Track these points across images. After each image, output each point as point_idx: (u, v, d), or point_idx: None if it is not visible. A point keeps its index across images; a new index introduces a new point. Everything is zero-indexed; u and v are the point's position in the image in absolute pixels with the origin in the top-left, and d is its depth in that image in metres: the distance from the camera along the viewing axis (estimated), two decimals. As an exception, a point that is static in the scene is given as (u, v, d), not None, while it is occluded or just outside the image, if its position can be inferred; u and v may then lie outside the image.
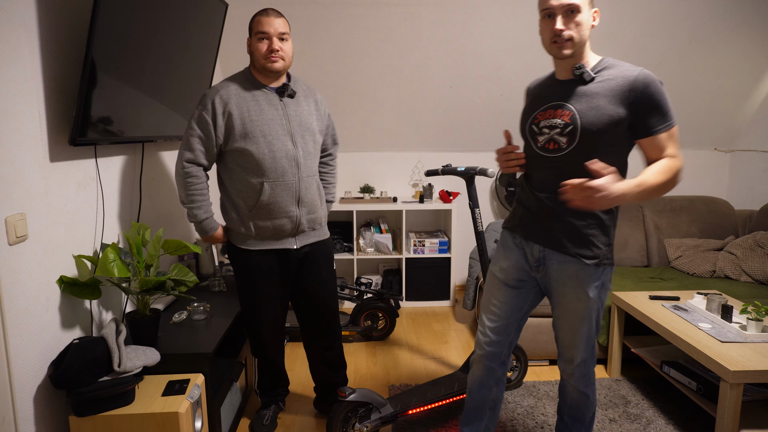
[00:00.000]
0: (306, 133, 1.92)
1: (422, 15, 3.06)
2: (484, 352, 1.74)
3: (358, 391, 1.97)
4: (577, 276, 1.51)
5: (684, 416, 2.26)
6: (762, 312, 2.05)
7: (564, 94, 1.49)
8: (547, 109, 1.51)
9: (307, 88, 2.01)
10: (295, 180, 1.90)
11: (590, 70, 1.46)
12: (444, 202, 3.73)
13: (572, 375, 1.66)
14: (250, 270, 1.96)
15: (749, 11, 3.11)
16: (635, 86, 1.38)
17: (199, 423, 1.67)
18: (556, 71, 1.55)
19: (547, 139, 1.50)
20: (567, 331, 1.62)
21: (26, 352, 1.43)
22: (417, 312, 3.67)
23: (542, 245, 1.55)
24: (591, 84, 1.45)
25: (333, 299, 2.15)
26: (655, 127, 1.41)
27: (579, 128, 1.43)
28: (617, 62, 1.47)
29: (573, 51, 1.43)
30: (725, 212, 3.46)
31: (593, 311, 1.56)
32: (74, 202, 1.66)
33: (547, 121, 1.50)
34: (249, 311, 2.03)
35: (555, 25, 1.40)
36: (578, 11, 1.39)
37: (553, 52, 1.46)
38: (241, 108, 1.82)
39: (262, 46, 1.80)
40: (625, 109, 1.40)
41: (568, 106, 1.47)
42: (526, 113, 1.59)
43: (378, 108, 3.58)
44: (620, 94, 1.40)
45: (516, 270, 1.64)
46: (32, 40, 1.45)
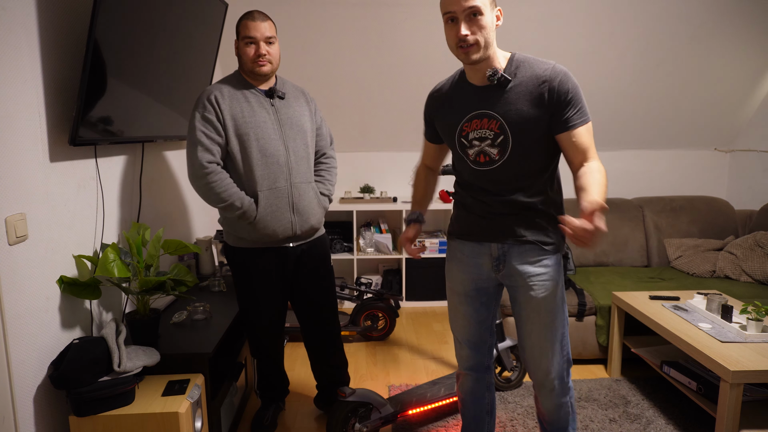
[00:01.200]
0: (298, 135, 1.92)
1: (422, 15, 3.06)
2: (467, 366, 1.71)
3: (358, 391, 1.97)
4: (540, 261, 1.49)
5: (684, 416, 2.26)
6: (762, 312, 2.05)
7: (485, 101, 1.44)
8: (473, 119, 1.46)
9: (296, 88, 2.02)
10: (287, 186, 1.89)
11: (504, 73, 1.41)
12: (444, 202, 3.73)
13: (552, 389, 1.57)
14: (248, 269, 1.95)
15: (749, 11, 3.11)
16: (550, 84, 1.37)
17: (199, 423, 1.67)
18: (469, 76, 1.48)
19: (477, 152, 1.47)
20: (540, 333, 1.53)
21: (26, 352, 1.43)
22: (417, 312, 3.67)
23: (501, 242, 1.51)
24: (510, 89, 1.41)
25: (332, 296, 2.15)
26: (572, 121, 1.39)
27: (509, 137, 1.41)
28: (528, 58, 1.44)
29: (480, 55, 1.38)
30: (725, 212, 3.46)
31: (560, 301, 1.52)
32: (74, 202, 1.66)
33: (475, 133, 1.46)
34: (247, 312, 2.03)
35: (459, 31, 1.35)
36: (480, 14, 1.34)
37: (460, 58, 1.41)
38: (234, 109, 1.83)
39: (250, 50, 1.83)
40: (542, 108, 1.38)
41: (493, 115, 1.42)
42: (450, 124, 1.51)
43: (378, 108, 3.58)
44: (536, 92, 1.38)
45: (473, 280, 1.59)
46: (32, 41, 1.45)
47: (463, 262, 1.61)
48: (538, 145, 1.43)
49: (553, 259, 1.51)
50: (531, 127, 1.40)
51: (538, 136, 1.42)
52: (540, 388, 1.61)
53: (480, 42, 1.36)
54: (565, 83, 1.37)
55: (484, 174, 1.48)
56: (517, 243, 1.50)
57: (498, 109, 1.42)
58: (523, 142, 1.41)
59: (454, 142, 1.53)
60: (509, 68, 1.43)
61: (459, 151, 1.52)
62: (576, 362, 2.79)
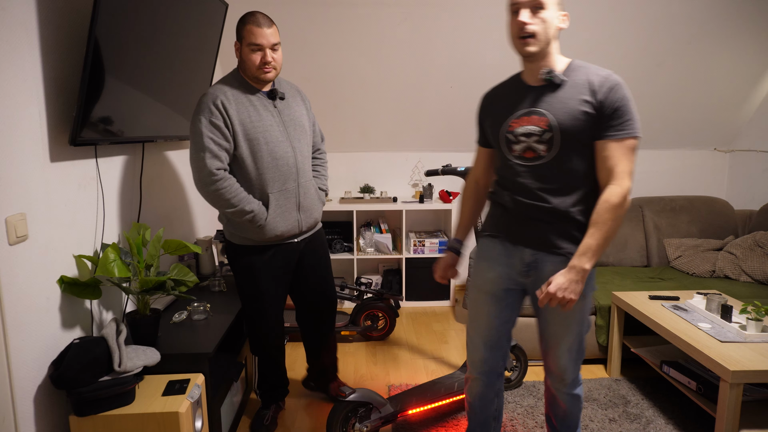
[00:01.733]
0: (301, 134, 1.96)
1: (422, 15, 3.06)
2: (480, 370, 1.68)
3: (358, 391, 1.97)
4: None
5: (684, 416, 2.26)
6: (762, 312, 2.05)
7: (536, 99, 1.47)
8: (521, 116, 1.48)
9: (291, 86, 2.03)
10: (295, 186, 1.94)
11: (559, 74, 1.44)
12: (444, 202, 3.73)
13: (567, 383, 1.63)
14: (253, 267, 1.97)
15: (749, 12, 3.11)
16: (601, 88, 1.39)
17: (199, 423, 1.67)
18: (525, 76, 1.52)
19: (524, 148, 1.47)
20: (561, 335, 1.56)
21: (26, 352, 1.43)
22: (417, 312, 3.67)
23: (534, 249, 1.51)
24: (562, 88, 1.44)
25: (332, 283, 2.23)
26: (606, 131, 1.40)
27: (557, 134, 1.42)
28: (586, 64, 1.46)
29: (538, 48, 1.41)
30: (725, 212, 3.46)
31: (587, 310, 1.55)
32: (74, 202, 1.66)
33: (522, 128, 1.47)
34: (250, 306, 2.04)
35: (519, 18, 1.39)
36: (543, 8, 1.38)
37: (518, 48, 1.44)
38: (241, 113, 1.82)
39: (256, 57, 1.81)
40: (591, 110, 1.40)
41: (542, 112, 1.44)
42: (497, 120, 1.54)
43: (378, 108, 3.58)
44: (587, 95, 1.40)
45: (503, 279, 1.59)
46: (32, 40, 1.45)
47: (495, 260, 1.60)
48: (583, 149, 1.44)
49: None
50: (578, 127, 1.40)
51: (583, 140, 1.42)
52: (558, 383, 1.65)
53: (539, 34, 1.39)
54: (618, 91, 1.38)
55: (529, 171, 1.48)
56: (552, 253, 1.49)
57: (548, 107, 1.44)
58: (569, 142, 1.42)
59: (498, 137, 1.53)
60: (566, 71, 1.46)
61: (504, 147, 1.53)
62: (576, 362, 2.79)
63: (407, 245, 3.73)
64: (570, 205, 1.46)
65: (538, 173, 1.47)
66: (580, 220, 1.46)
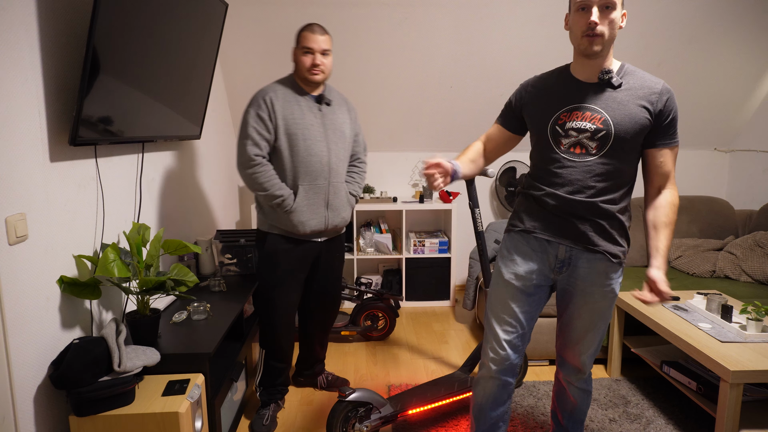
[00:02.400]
0: (339, 139, 2.12)
1: (422, 15, 3.06)
2: (500, 367, 1.61)
3: (358, 391, 1.97)
4: (606, 273, 1.52)
5: (684, 416, 2.26)
6: (762, 312, 2.05)
7: (589, 96, 1.47)
8: (573, 110, 1.47)
9: (341, 97, 2.22)
10: (326, 184, 2.09)
11: (616, 76, 1.45)
12: (444, 202, 3.73)
13: (583, 377, 1.70)
14: (276, 251, 2.11)
15: (749, 12, 3.12)
16: (660, 97, 1.43)
17: (199, 423, 1.67)
18: (577, 71, 1.50)
19: (573, 143, 1.47)
20: (585, 330, 1.62)
21: (26, 352, 1.43)
22: (417, 312, 3.67)
23: (571, 244, 1.51)
24: (619, 90, 1.45)
25: (339, 285, 2.39)
26: (663, 140, 1.46)
27: (612, 134, 1.43)
28: (637, 70, 1.49)
29: (602, 47, 1.41)
30: (725, 212, 3.46)
31: (612, 308, 1.61)
32: (74, 202, 1.66)
33: (574, 123, 1.46)
34: (267, 293, 2.16)
35: (590, 17, 1.37)
36: (613, 8, 1.39)
37: (582, 46, 1.42)
38: (286, 110, 2.01)
39: (307, 60, 2.00)
40: (649, 117, 1.43)
41: (598, 110, 1.44)
42: (546, 112, 1.51)
43: (378, 108, 3.58)
44: (646, 102, 1.43)
45: (535, 275, 1.56)
46: (32, 40, 1.45)
47: (528, 255, 1.57)
48: (629, 151, 1.47)
49: (618, 272, 1.55)
50: (634, 130, 1.43)
51: (635, 143, 1.46)
52: (575, 375, 1.71)
53: (606, 35, 1.40)
54: (673, 101, 1.44)
55: (576, 166, 1.47)
56: (588, 250, 1.51)
57: (604, 106, 1.45)
58: (622, 143, 1.44)
59: (546, 129, 1.52)
60: (619, 73, 1.47)
61: (550, 140, 1.51)
62: (576, 362, 2.79)
63: (407, 245, 3.73)
64: (613, 203, 1.49)
65: (585, 169, 1.47)
66: (618, 220, 1.51)
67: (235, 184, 3.73)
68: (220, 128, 3.32)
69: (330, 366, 2.78)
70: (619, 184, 1.49)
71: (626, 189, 1.52)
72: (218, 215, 3.23)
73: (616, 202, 1.49)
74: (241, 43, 3.14)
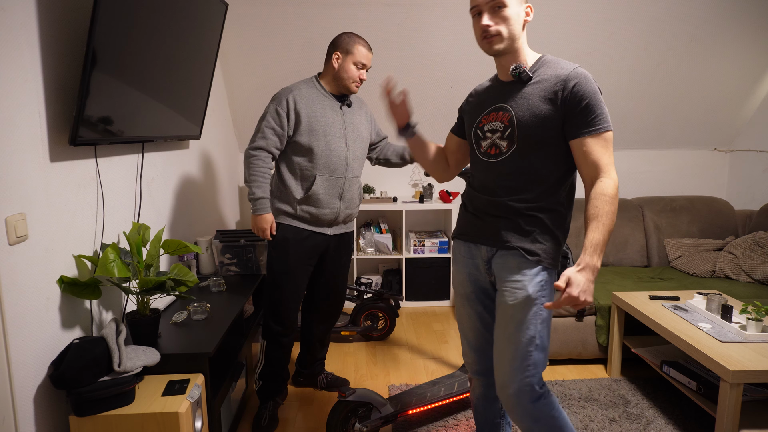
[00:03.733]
0: (358, 138, 2.23)
1: (422, 15, 3.06)
2: (474, 370, 1.69)
3: (358, 391, 1.97)
4: (518, 267, 1.44)
5: (684, 416, 2.26)
6: (762, 312, 2.05)
7: (504, 95, 1.47)
8: (490, 112, 1.50)
9: (359, 100, 2.33)
10: (342, 178, 2.19)
11: (528, 70, 1.42)
12: (444, 202, 3.73)
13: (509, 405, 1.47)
14: (287, 240, 2.17)
15: (749, 11, 3.11)
16: (565, 84, 1.36)
17: (199, 423, 1.67)
18: (498, 72, 1.53)
19: (489, 144, 1.49)
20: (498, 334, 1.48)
21: (26, 352, 1.43)
22: (417, 312, 3.67)
23: (490, 245, 1.50)
24: (529, 84, 1.43)
25: (345, 284, 2.45)
26: (583, 128, 1.36)
27: (516, 130, 1.42)
28: (555, 60, 1.44)
29: (504, 46, 1.41)
30: (725, 212, 3.46)
31: (532, 317, 1.42)
32: (74, 202, 1.66)
33: (490, 125, 1.49)
34: (276, 281, 2.20)
35: (482, 21, 1.40)
36: (504, 6, 1.38)
37: (484, 48, 1.44)
38: (309, 108, 2.11)
39: (356, 73, 2.14)
40: (554, 108, 1.37)
41: (507, 108, 1.45)
42: (472, 117, 1.56)
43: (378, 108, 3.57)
44: (551, 92, 1.38)
45: (470, 282, 1.59)
46: (32, 40, 1.45)
47: (460, 263, 1.62)
48: (545, 145, 1.41)
49: (533, 270, 1.43)
50: (539, 124, 1.39)
51: (545, 136, 1.40)
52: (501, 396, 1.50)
53: (503, 33, 1.39)
54: (581, 86, 1.35)
55: (492, 167, 1.48)
56: (503, 248, 1.48)
57: (512, 102, 1.44)
58: (529, 138, 1.41)
59: (471, 135, 1.56)
60: (534, 66, 1.45)
61: (473, 144, 1.54)
62: (576, 362, 2.79)
63: (407, 245, 3.73)
64: (526, 201, 1.44)
65: (496, 170, 1.47)
66: (539, 216, 1.44)
67: (235, 184, 3.73)
68: (220, 128, 3.32)
69: (330, 366, 2.78)
70: (534, 180, 1.43)
71: (546, 186, 1.43)
72: (218, 215, 3.23)
73: (531, 200, 1.43)
74: (241, 43, 3.14)
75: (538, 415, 1.45)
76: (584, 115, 1.36)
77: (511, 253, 1.46)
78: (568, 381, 2.56)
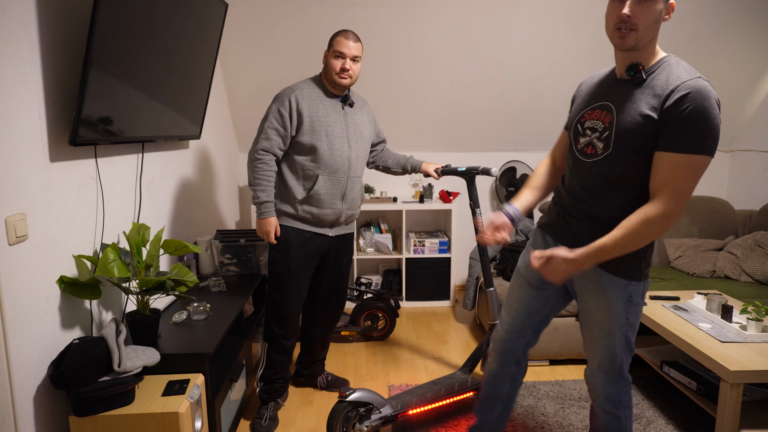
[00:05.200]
0: (360, 138, 2.22)
1: (422, 15, 3.06)
2: (498, 347, 1.72)
3: (358, 391, 1.97)
4: (599, 282, 1.42)
5: (684, 416, 2.26)
6: (762, 312, 2.05)
7: (613, 93, 1.37)
8: (595, 108, 1.41)
9: (362, 100, 2.31)
10: (345, 178, 2.18)
11: (644, 71, 1.31)
12: (444, 202, 3.73)
13: (597, 394, 1.55)
14: (289, 241, 2.17)
15: (749, 12, 3.11)
16: (675, 91, 1.24)
17: (199, 423, 1.67)
18: (617, 66, 1.41)
19: (586, 142, 1.41)
20: (589, 342, 1.54)
21: (26, 352, 1.43)
22: (417, 312, 3.67)
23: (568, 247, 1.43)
24: (639, 87, 1.32)
25: (346, 286, 2.45)
26: (671, 141, 1.23)
27: (613, 134, 1.33)
28: (678, 63, 1.32)
29: (635, 43, 1.28)
30: (725, 212, 3.46)
31: (616, 325, 1.44)
32: (74, 202, 1.66)
33: (590, 122, 1.40)
34: (279, 282, 2.20)
35: (622, 10, 1.25)
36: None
37: (614, 41, 1.32)
38: (311, 107, 2.10)
39: (337, 63, 2.08)
40: (656, 113, 1.26)
41: (611, 108, 1.35)
42: (577, 109, 1.49)
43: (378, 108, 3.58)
44: (658, 96, 1.27)
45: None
46: (32, 40, 1.45)
47: (539, 247, 1.58)
48: (641, 153, 1.31)
49: (616, 285, 1.41)
50: (637, 130, 1.29)
51: (642, 144, 1.30)
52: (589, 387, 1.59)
53: (639, 28, 1.26)
54: (690, 98, 1.21)
55: (586, 168, 1.41)
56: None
57: (617, 103, 1.34)
58: (624, 144, 1.32)
59: (572, 127, 1.48)
60: (653, 68, 1.32)
61: (572, 138, 1.47)
62: (576, 362, 2.79)
63: (407, 245, 3.73)
64: (611, 209, 1.38)
65: (587, 171, 1.40)
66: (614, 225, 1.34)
67: (235, 184, 3.73)
68: (220, 128, 3.32)
69: (330, 366, 2.78)
70: (623, 188, 1.36)
71: (634, 195, 1.35)
72: (218, 215, 3.23)
73: (616, 209, 1.36)
74: (241, 43, 3.14)
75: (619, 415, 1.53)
76: (675, 130, 1.23)
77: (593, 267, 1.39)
78: (568, 381, 2.56)
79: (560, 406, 2.34)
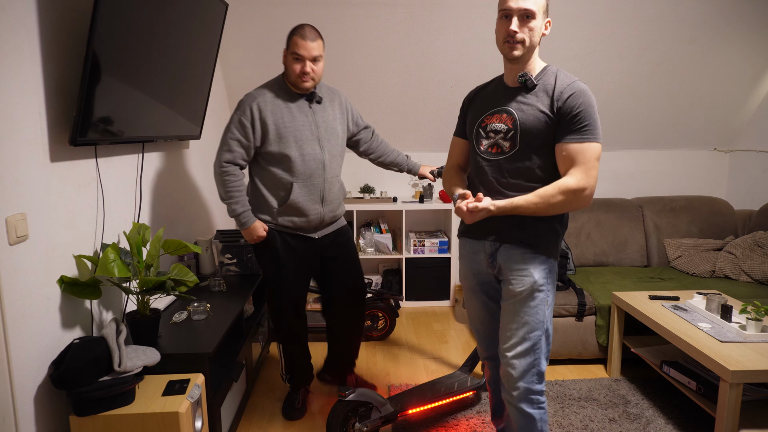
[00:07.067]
0: (332, 137, 2.12)
1: (422, 15, 3.06)
2: (483, 357, 1.85)
3: (358, 390, 1.97)
4: (523, 258, 1.55)
5: (684, 416, 2.26)
6: (761, 312, 2.05)
7: (509, 99, 1.57)
8: (494, 113, 1.58)
9: (331, 91, 2.18)
10: (321, 181, 2.09)
11: (533, 78, 1.52)
12: (444, 202, 3.73)
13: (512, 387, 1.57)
14: (275, 242, 2.12)
15: (748, 12, 3.11)
16: (562, 94, 1.47)
17: (199, 423, 1.67)
18: (505, 77, 1.61)
19: (491, 143, 1.58)
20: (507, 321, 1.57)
21: (26, 352, 1.43)
22: (417, 312, 3.67)
23: (493, 241, 1.60)
24: (532, 91, 1.53)
25: (360, 279, 2.33)
26: (568, 134, 1.46)
27: (519, 133, 1.52)
28: (557, 70, 1.54)
29: (522, 53, 1.50)
30: (725, 212, 3.47)
31: (538, 300, 1.53)
32: (74, 202, 1.66)
33: (492, 125, 1.58)
34: (271, 284, 2.17)
35: (510, 26, 1.47)
36: (533, 17, 1.47)
37: (504, 52, 1.54)
38: (276, 115, 2.00)
39: (297, 66, 1.97)
40: (552, 113, 1.48)
41: (510, 111, 1.54)
42: (474, 116, 1.65)
43: (378, 108, 3.58)
44: (551, 98, 1.49)
45: (474, 275, 1.70)
46: (32, 41, 1.45)
47: (465, 258, 1.73)
48: (545, 148, 1.51)
49: (538, 260, 1.55)
50: (539, 127, 1.49)
51: (545, 140, 1.50)
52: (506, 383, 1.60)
53: (525, 42, 1.49)
54: (577, 98, 1.46)
55: (491, 165, 1.58)
56: (507, 242, 1.58)
57: (515, 107, 1.54)
58: (529, 140, 1.51)
59: (473, 133, 1.64)
60: (539, 75, 1.54)
61: (474, 142, 1.63)
62: (576, 362, 2.79)
63: (407, 245, 3.73)
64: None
65: (498, 168, 1.56)
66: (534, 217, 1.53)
67: (235, 184, 3.73)
68: (220, 128, 3.29)
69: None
70: (532, 180, 1.53)
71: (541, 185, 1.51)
72: (218, 215, 3.23)
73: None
74: (241, 43, 3.14)
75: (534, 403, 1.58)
76: (573, 123, 1.46)
77: (515, 246, 1.56)
78: (568, 381, 2.56)
79: (560, 405, 2.34)
